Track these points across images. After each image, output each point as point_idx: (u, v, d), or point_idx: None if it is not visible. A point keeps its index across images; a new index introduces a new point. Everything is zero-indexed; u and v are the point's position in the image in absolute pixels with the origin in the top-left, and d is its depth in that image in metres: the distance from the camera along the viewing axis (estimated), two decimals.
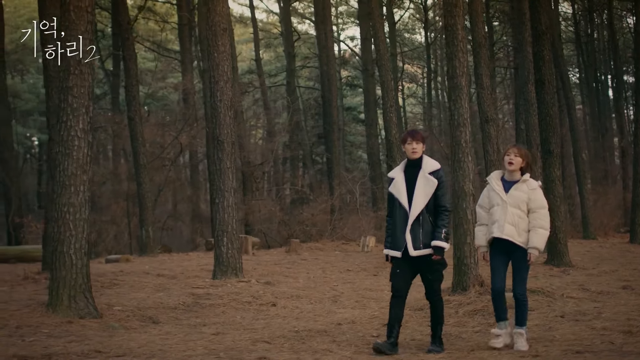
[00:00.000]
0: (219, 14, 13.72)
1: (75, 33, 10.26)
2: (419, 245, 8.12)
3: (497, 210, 8.37)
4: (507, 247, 8.34)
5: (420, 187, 8.18)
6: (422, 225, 8.17)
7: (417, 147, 8.28)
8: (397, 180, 8.37)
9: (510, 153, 8.44)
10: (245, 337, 9.20)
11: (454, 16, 11.95)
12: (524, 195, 8.33)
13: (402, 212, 8.24)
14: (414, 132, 8.43)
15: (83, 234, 10.33)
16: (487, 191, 8.62)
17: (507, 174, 8.52)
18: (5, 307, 10.59)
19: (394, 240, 8.34)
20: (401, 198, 8.25)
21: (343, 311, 11.51)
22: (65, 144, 10.26)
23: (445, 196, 8.31)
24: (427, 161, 8.35)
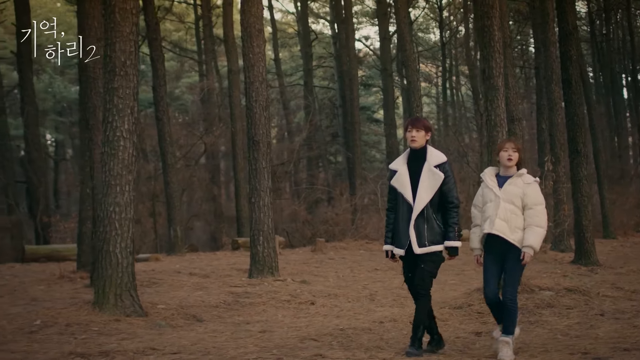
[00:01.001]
0: (253, 15, 13.84)
1: (120, 35, 10.38)
2: (423, 242, 7.77)
3: (490, 206, 7.89)
4: (500, 246, 7.83)
5: (425, 181, 7.79)
6: (426, 220, 7.79)
7: (416, 136, 7.85)
8: (400, 173, 7.96)
9: (507, 148, 7.99)
10: (292, 335, 9.31)
11: (490, 17, 12.06)
12: (519, 189, 7.85)
13: (406, 206, 7.86)
14: (415, 120, 8.07)
15: (128, 233, 10.47)
16: (481, 189, 8.15)
17: (502, 169, 8.05)
18: (52, 306, 10.75)
19: (397, 236, 7.97)
20: (405, 192, 7.85)
21: (381, 309, 11.61)
22: (110, 144, 10.39)
23: (452, 191, 7.91)
24: (432, 153, 7.93)
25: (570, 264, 17.46)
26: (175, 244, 23.09)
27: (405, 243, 7.85)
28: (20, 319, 9.94)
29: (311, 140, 37.05)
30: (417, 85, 19.64)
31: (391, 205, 8.13)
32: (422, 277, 7.88)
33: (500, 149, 8.02)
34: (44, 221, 26.14)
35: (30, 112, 27.13)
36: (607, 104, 43.13)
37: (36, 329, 9.44)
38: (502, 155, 7.97)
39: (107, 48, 10.46)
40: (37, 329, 9.41)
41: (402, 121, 40.55)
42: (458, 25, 47.31)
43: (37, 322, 9.71)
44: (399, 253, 7.99)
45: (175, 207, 23.62)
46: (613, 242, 25.81)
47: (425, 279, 7.90)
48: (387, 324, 10.17)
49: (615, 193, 33.08)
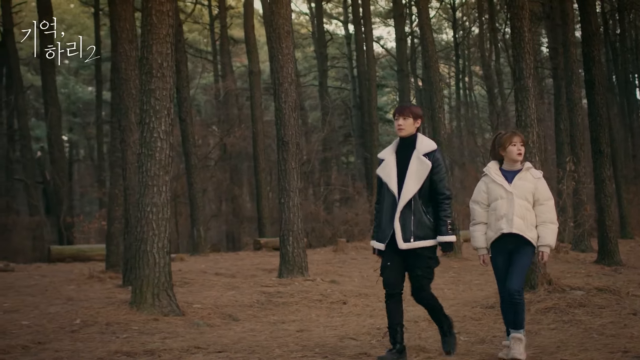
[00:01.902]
0: (282, 17, 13.93)
1: (157, 37, 10.47)
2: (409, 236, 7.17)
3: (502, 203, 7.48)
4: (512, 243, 7.48)
5: (413, 170, 7.21)
6: (413, 213, 7.17)
7: (403, 124, 7.33)
8: (386, 162, 7.44)
9: (515, 142, 7.60)
10: (330, 334, 9.38)
11: (521, 19, 12.12)
12: (530, 184, 7.53)
13: (391, 197, 7.27)
14: (402, 107, 7.48)
15: (165, 233, 10.57)
16: (484, 185, 7.70)
17: (506, 163, 7.66)
18: (90, 305, 10.84)
19: (380, 230, 7.42)
20: (390, 182, 7.29)
21: (413, 309, 11.57)
22: (147, 145, 10.49)
23: (443, 181, 7.31)
24: (422, 141, 7.39)
25: (594, 264, 17.50)
26: (199, 244, 23.25)
27: (387, 236, 7.29)
28: (60, 318, 10.04)
29: (325, 141, 37.14)
30: (439, 86, 19.68)
31: (379, 197, 7.55)
32: (421, 285, 7.40)
33: (508, 143, 7.59)
34: (67, 222, 26.28)
35: (53, 113, 27.29)
36: (620, 104, 43.12)
37: (77, 328, 9.54)
38: (511, 150, 7.58)
39: (143, 50, 10.55)
40: (78, 328, 9.51)
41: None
42: (471, 25, 47.35)
43: (77, 322, 9.82)
44: (378, 247, 7.43)
45: (199, 207, 23.77)
46: (631, 242, 25.87)
47: (424, 286, 7.41)
48: (421, 323, 10.23)
49: (631, 193, 33.14)
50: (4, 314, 10.79)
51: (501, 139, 7.69)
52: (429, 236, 7.25)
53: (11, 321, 10.04)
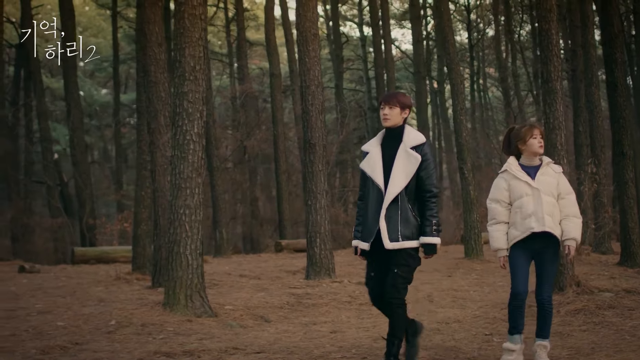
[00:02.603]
0: (309, 19, 14.01)
1: (189, 40, 10.55)
2: (396, 236, 6.69)
3: (529, 201, 7.13)
4: (538, 243, 7.16)
5: (400, 164, 6.73)
6: (400, 210, 6.68)
7: (389, 113, 6.85)
8: (371, 155, 6.95)
9: (536, 135, 7.28)
10: (363, 336, 9.45)
11: (549, 21, 12.17)
12: (553, 180, 7.24)
13: (376, 193, 6.80)
14: (388, 95, 7.03)
15: (198, 235, 10.64)
16: (503, 181, 7.33)
17: (526, 158, 7.34)
18: (123, 307, 10.93)
19: (365, 228, 6.93)
20: (375, 176, 6.82)
21: (442, 310, 11.72)
22: (180, 147, 10.57)
23: (431, 178, 6.80)
24: (410, 133, 6.91)
25: (616, 266, 17.49)
26: (221, 245, 23.39)
27: (372, 235, 6.81)
28: (95, 320, 10.11)
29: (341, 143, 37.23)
30: (460, 88, 19.74)
31: (362, 193, 7.09)
32: (395, 285, 6.81)
33: (529, 136, 7.27)
34: (90, 224, 26.44)
35: (75, 115, 27.46)
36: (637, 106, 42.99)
37: (112, 329, 9.60)
38: (532, 143, 7.27)
39: (176, 53, 10.63)
40: (114, 329, 9.57)
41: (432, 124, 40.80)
42: (485, 27, 47.36)
43: (112, 323, 9.88)
44: (363, 247, 6.94)
45: (221, 209, 23.91)
46: None
47: (398, 287, 6.83)
48: (452, 324, 10.28)
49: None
50: (38, 315, 10.87)
51: (520, 132, 7.38)
52: (415, 236, 6.77)
53: (46, 322, 10.12)
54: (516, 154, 7.41)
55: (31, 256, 24.17)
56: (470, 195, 19.32)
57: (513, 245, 7.25)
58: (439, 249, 6.97)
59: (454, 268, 17.86)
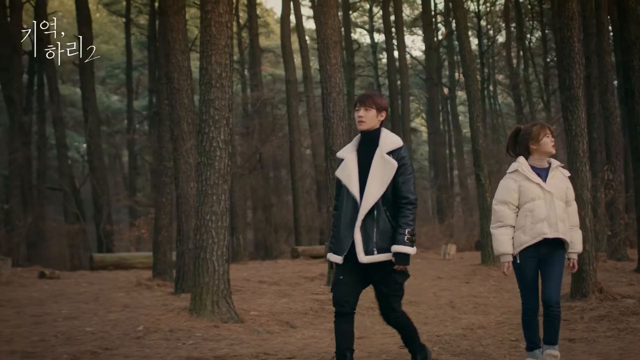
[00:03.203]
0: (330, 27, 14.09)
1: (216, 47, 10.63)
2: (371, 248, 6.25)
3: (540, 204, 6.76)
4: (546, 249, 6.84)
5: (376, 172, 6.28)
6: (376, 221, 6.25)
7: (365, 116, 6.38)
8: (346, 162, 6.48)
9: (548, 133, 6.92)
10: (390, 342, 9.45)
11: (570, 29, 12.20)
12: (563, 184, 6.91)
13: (351, 203, 6.35)
14: (364, 96, 6.54)
15: (224, 241, 10.70)
16: (513, 182, 6.88)
17: (535, 159, 6.95)
18: (149, 312, 11.00)
19: (338, 240, 6.47)
20: (350, 185, 6.36)
21: (465, 317, 11.76)
22: (207, 154, 10.64)
23: (407, 184, 6.32)
24: (386, 136, 6.46)
25: (634, 273, 17.49)
26: (238, 252, 23.48)
27: (345, 247, 6.35)
28: (122, 325, 10.18)
29: None
30: (477, 95, 19.80)
31: (337, 203, 6.63)
32: (392, 307, 6.67)
33: (542, 135, 6.90)
34: (107, 230, 26.56)
35: (93, 122, 27.61)
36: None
37: (141, 334, 9.67)
38: (545, 142, 6.90)
39: (202, 60, 10.71)
40: (142, 335, 9.64)
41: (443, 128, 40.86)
42: (496, 34, 47.44)
43: (140, 328, 9.95)
44: (336, 261, 6.46)
45: (239, 215, 24.03)
46: None
47: (395, 307, 6.68)
48: (477, 330, 10.30)
49: None
50: (64, 320, 10.96)
51: (531, 131, 6.96)
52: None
53: (74, 327, 10.19)
54: (525, 154, 6.99)
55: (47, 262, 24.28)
56: (486, 201, 19.34)
57: (521, 252, 6.85)
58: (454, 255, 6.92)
59: (471, 274, 17.90)
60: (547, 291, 6.83)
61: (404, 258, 6.28)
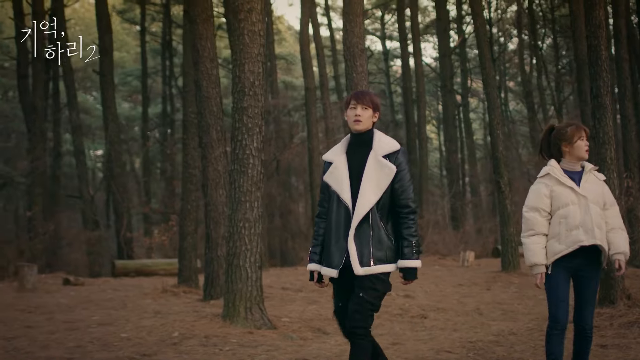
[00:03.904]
0: (356, 35, 14.14)
1: (249, 56, 10.72)
2: (367, 260, 5.69)
3: (575, 210, 6.30)
4: (578, 259, 6.38)
5: (370, 176, 5.76)
6: (372, 230, 5.73)
7: (362, 115, 5.86)
8: (336, 166, 5.95)
9: (583, 136, 6.47)
10: (424, 348, 9.54)
11: (598, 37, 12.26)
12: (599, 188, 6.47)
13: (343, 211, 5.81)
14: (361, 93, 6.00)
15: (257, 248, 10.79)
16: (544, 187, 6.46)
17: (568, 162, 6.51)
18: (182, 319, 11.07)
19: (328, 252, 5.91)
20: (341, 191, 5.83)
21: (494, 323, 11.81)
22: (240, 162, 10.72)
23: (407, 191, 5.83)
24: (381, 139, 5.93)
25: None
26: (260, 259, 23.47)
27: (340, 260, 5.80)
28: (157, 331, 10.25)
29: None
30: (496, 102, 19.85)
31: (323, 209, 6.11)
32: (360, 311, 5.72)
33: (577, 137, 6.46)
34: (127, 237, 26.69)
35: (113, 130, 27.74)
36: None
37: (177, 340, 9.73)
38: (579, 146, 6.46)
39: (235, 69, 10.79)
40: (178, 341, 9.70)
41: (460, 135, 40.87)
42: (506, 41, 47.48)
43: (175, 335, 10.02)
44: (331, 274, 5.89)
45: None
46: None
47: (364, 313, 5.74)
48: (509, 337, 10.34)
49: None
50: (98, 326, 11.01)
51: (565, 132, 6.52)
52: (390, 258, 5.79)
53: (108, 334, 10.27)
54: (556, 156, 6.61)
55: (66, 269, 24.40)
56: (507, 209, 19.41)
57: (555, 262, 6.39)
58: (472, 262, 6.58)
59: (492, 281, 17.95)
60: (581, 314, 6.47)
61: (412, 273, 5.83)
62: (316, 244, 6.07)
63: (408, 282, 5.89)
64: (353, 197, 5.77)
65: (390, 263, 5.77)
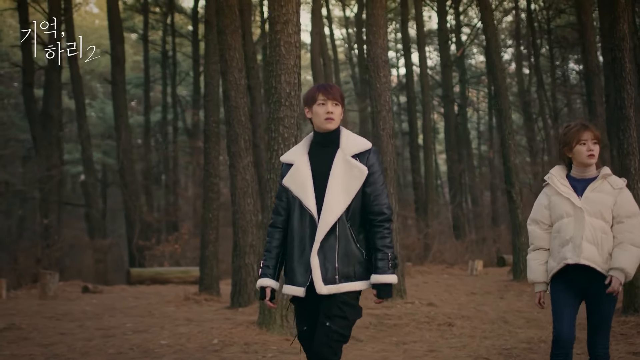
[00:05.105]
0: (380, 47, 14.37)
1: (285, 67, 10.88)
2: (332, 276, 4.96)
3: (569, 223, 5.57)
4: (582, 280, 5.56)
5: (338, 179, 5.00)
6: (338, 241, 4.98)
7: (334, 112, 5.10)
8: (297, 167, 5.16)
9: (586, 139, 5.64)
10: (460, 355, 9.68)
11: (622, 49, 12.50)
12: (609, 198, 5.54)
13: (308, 221, 5.05)
14: (329, 87, 5.19)
15: None
16: (545, 198, 5.79)
17: (575, 168, 5.72)
18: (218, 326, 11.20)
19: (293, 268, 5.15)
20: (305, 197, 5.05)
21: (521, 331, 11.94)
22: (276, 171, 10.86)
23: (380, 196, 5.08)
24: (349, 137, 5.18)
25: None
26: None
27: (306, 277, 5.06)
28: (196, 338, 10.38)
29: None
30: (509, 112, 20.07)
31: (278, 218, 5.31)
32: (328, 343, 5.03)
33: (575, 141, 5.66)
34: (140, 244, 26.79)
35: (125, 138, 27.86)
36: None
37: (218, 347, 9.87)
38: (579, 151, 5.65)
39: (272, 80, 10.94)
40: (219, 348, 9.84)
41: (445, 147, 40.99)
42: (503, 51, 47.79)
43: (215, 342, 10.16)
44: (296, 293, 5.17)
45: None
46: None
47: (332, 346, 5.05)
48: (540, 344, 10.48)
49: None
50: (134, 333, 11.14)
51: (565, 135, 5.80)
52: (360, 275, 5.10)
53: (147, 341, 10.38)
54: (569, 162, 5.84)
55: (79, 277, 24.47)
56: (518, 218, 19.61)
57: (553, 279, 5.70)
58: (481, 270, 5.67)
59: (504, 290, 18.09)
60: (593, 341, 5.63)
61: (387, 290, 5.09)
62: (269, 257, 5.29)
63: (381, 301, 5.18)
64: (318, 203, 5.02)
65: (359, 280, 5.08)
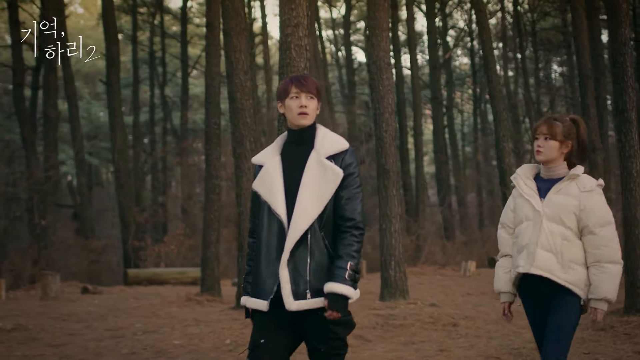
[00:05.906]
0: (382, 49, 14.49)
1: (296, 69, 10.95)
2: (303, 290, 4.42)
3: (527, 228, 5.08)
4: (544, 289, 5.02)
5: (311, 182, 4.50)
6: (310, 252, 4.45)
7: (309, 106, 4.62)
8: (267, 169, 4.64)
9: (539, 134, 5.15)
10: (470, 354, 9.78)
11: (623, 54, 12.69)
12: (572, 201, 4.96)
13: (276, 227, 4.50)
14: (302, 78, 4.72)
15: None
16: (512, 200, 5.29)
17: (543, 168, 5.19)
18: (228, 326, 11.28)
19: (260, 279, 4.58)
20: (274, 201, 4.52)
21: (524, 331, 12.00)
22: None
23: (354, 201, 4.55)
24: (325, 136, 4.66)
25: None
26: None
27: (270, 289, 4.49)
28: (208, 339, 10.45)
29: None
30: (502, 114, 20.25)
31: (254, 225, 4.81)
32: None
33: (534, 136, 5.22)
34: (135, 245, 26.81)
35: (120, 140, 27.83)
36: None
37: (231, 347, 9.93)
38: (535, 146, 5.18)
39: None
40: (233, 348, 9.90)
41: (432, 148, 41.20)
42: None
43: (227, 342, 10.23)
44: (259, 307, 4.54)
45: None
46: None
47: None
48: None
49: None
50: (145, 334, 11.18)
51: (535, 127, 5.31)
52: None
53: (159, 341, 10.44)
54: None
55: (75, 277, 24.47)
56: None
57: (518, 289, 5.25)
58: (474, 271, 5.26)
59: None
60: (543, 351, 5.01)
61: (340, 302, 4.45)
62: (250, 272, 4.78)
63: (332, 314, 4.43)
64: (288, 209, 4.50)
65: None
